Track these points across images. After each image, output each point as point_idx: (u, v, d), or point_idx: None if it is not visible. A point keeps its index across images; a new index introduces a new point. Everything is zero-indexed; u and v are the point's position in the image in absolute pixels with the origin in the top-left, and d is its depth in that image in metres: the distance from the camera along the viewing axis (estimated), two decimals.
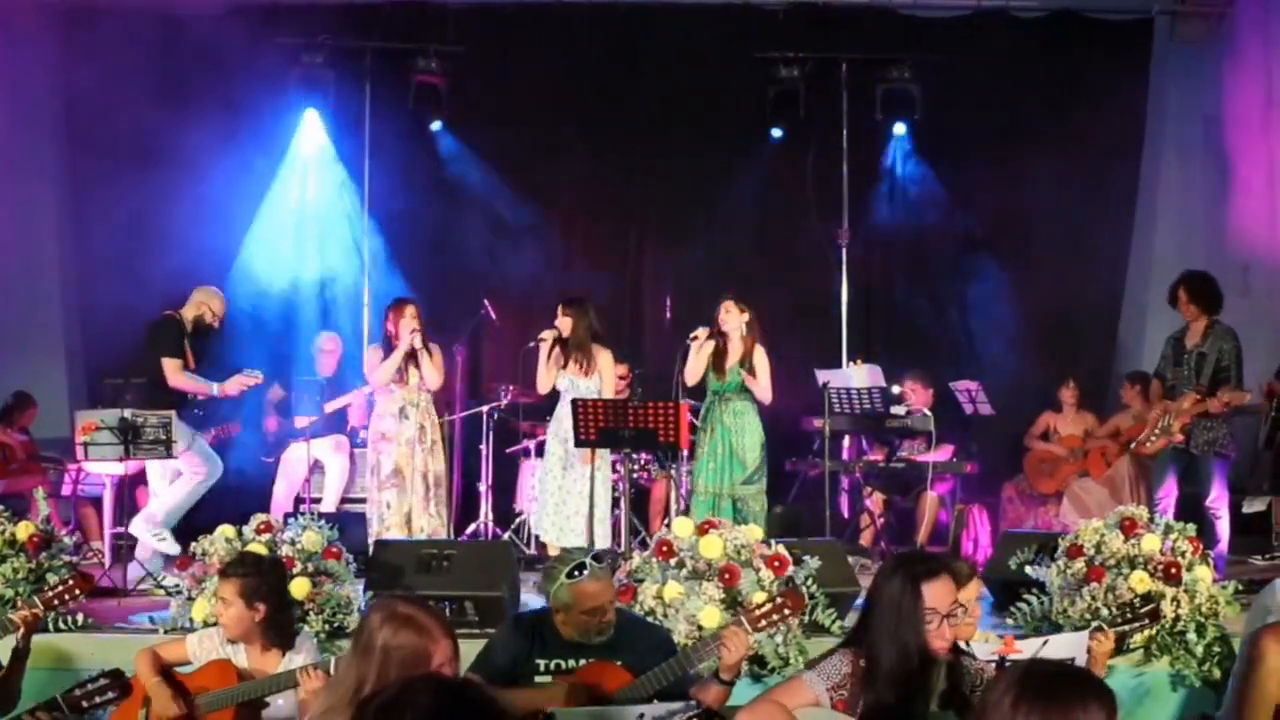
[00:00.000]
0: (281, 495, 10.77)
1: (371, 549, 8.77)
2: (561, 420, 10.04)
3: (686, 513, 10.05)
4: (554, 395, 10.30)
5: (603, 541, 9.77)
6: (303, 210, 13.50)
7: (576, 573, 5.43)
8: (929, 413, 11.40)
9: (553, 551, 9.95)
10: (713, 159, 13.53)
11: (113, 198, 12.72)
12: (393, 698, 2.87)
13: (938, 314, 13.89)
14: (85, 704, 4.55)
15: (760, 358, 10.06)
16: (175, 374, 9.67)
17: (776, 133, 13.73)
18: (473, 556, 8.29)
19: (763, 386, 10.05)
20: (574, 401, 9.39)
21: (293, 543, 7.64)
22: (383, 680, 3.80)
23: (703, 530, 7.59)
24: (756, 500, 10.02)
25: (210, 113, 12.39)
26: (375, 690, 3.03)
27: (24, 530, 7.97)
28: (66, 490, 11.43)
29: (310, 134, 13.63)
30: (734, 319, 10.08)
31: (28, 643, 5.77)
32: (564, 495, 10.00)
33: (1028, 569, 7.91)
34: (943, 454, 11.52)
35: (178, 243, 12.39)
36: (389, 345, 9.84)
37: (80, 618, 7.74)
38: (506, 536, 10.98)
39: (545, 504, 10.09)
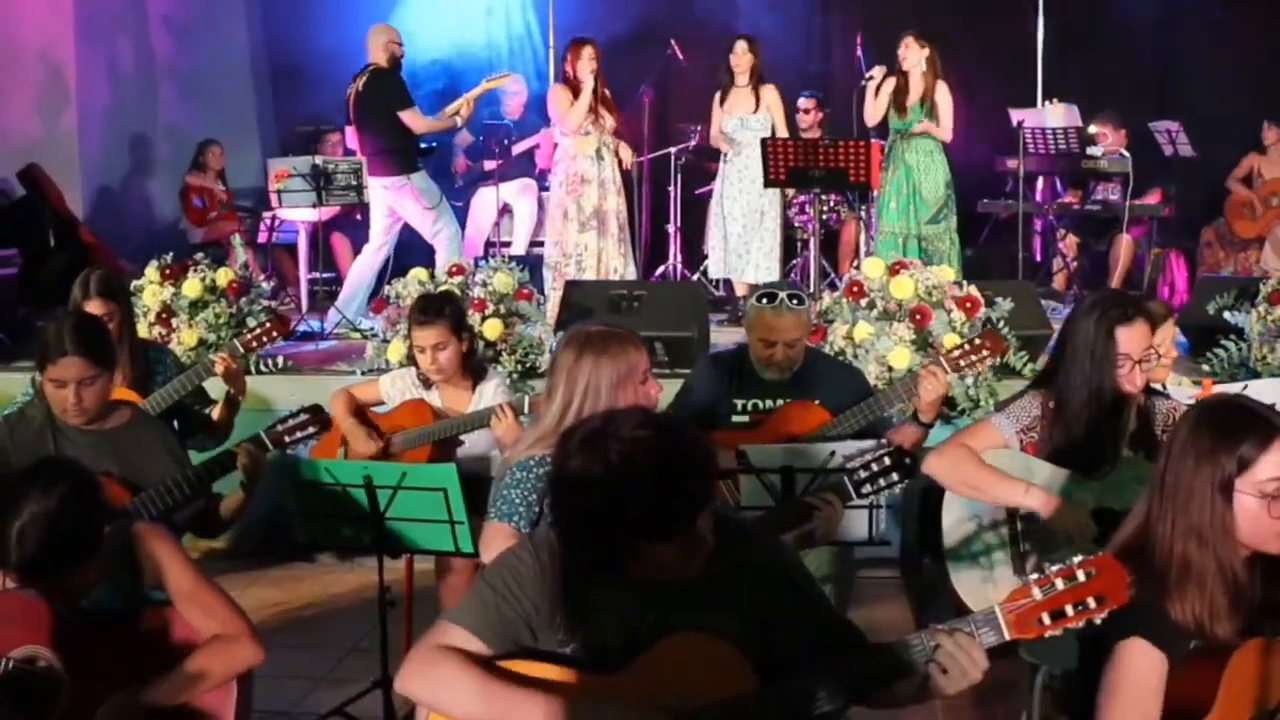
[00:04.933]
0: (471, 238, 10.84)
1: (557, 289, 8.87)
2: (733, 160, 9.97)
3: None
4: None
5: (769, 277, 9.77)
6: None
7: (765, 299, 5.38)
8: (1125, 154, 11.05)
9: (740, 291, 9.99)
10: None
11: None
12: (596, 429, 2.86)
13: (1137, 52, 13.33)
14: (287, 438, 4.64)
15: (942, 94, 9.79)
16: (418, 120, 9.65)
17: None
18: (662, 297, 8.33)
19: (944, 126, 9.81)
20: (763, 141, 9.26)
21: (484, 285, 7.73)
22: (587, 399, 3.92)
23: (894, 271, 7.49)
24: (943, 240, 9.87)
25: None
26: (578, 422, 3.03)
27: (224, 276, 8.18)
28: (262, 238, 11.65)
29: None
30: (914, 54, 9.80)
31: (240, 385, 5.91)
32: (746, 234, 9.98)
33: (1226, 314, 7.70)
34: (1151, 198, 11.19)
35: None
36: (571, 86, 9.71)
37: (280, 360, 7.97)
38: (695, 278, 10.98)
39: (722, 242, 10.09)
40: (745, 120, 9.98)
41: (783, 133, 9.97)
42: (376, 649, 5.06)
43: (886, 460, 4.21)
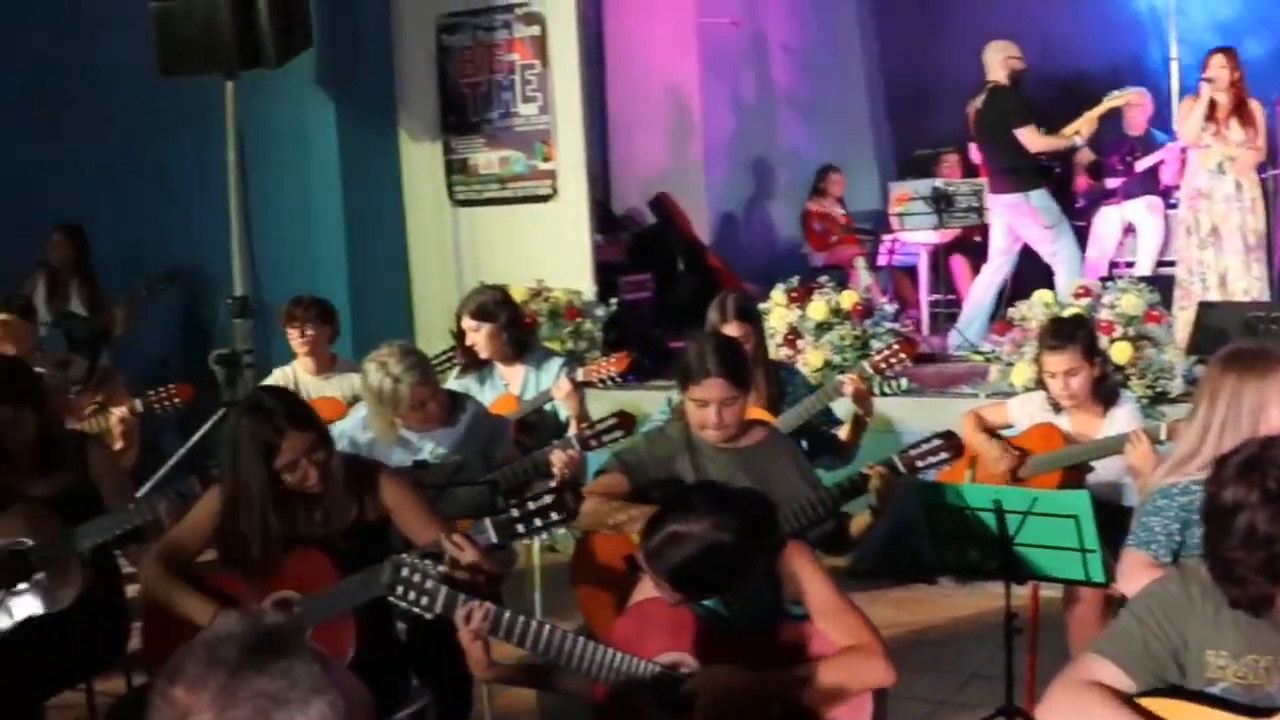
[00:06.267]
0: (1093, 259, 10.55)
1: (1185, 310, 8.48)
2: None
3: None
4: None
5: None
6: None
7: None
8: None
9: None
10: None
11: None
12: (1254, 455, 2.72)
13: None
14: (919, 463, 4.65)
15: None
16: (1034, 138, 9.48)
17: None
18: None
19: None
20: None
21: (1112, 306, 7.50)
22: (1228, 421, 3.74)
23: None
24: None
25: None
26: (1234, 448, 2.88)
27: (848, 299, 8.29)
28: (882, 260, 11.74)
29: None
30: None
31: (868, 406, 5.96)
32: None
33: None
34: None
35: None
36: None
37: (903, 382, 7.99)
38: None
39: None
40: None
41: None
42: (999, 675, 4.99)
43: None
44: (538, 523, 3.97)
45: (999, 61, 9.58)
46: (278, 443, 4.12)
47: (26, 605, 4.72)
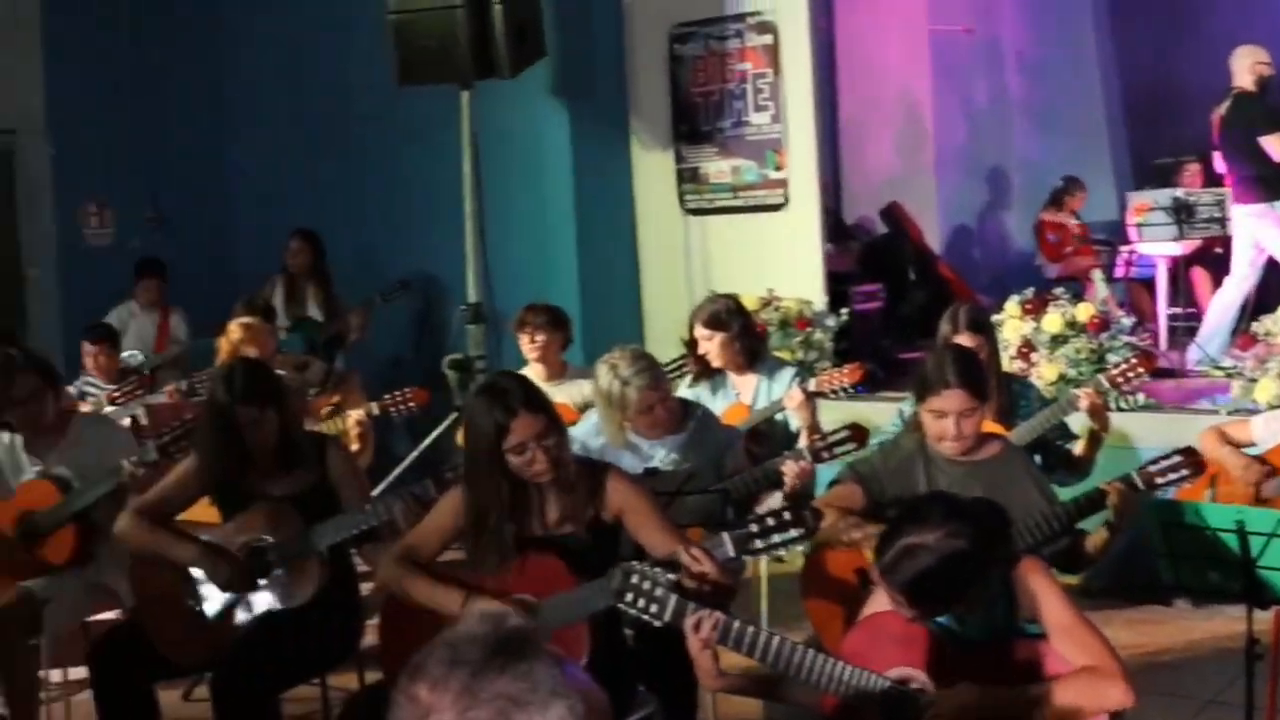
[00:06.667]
0: None
1: None
2: None
3: None
4: None
5: None
6: None
7: None
8: None
9: None
10: None
11: None
12: None
13: None
14: (1158, 480, 4.54)
15: None
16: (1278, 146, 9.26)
17: None
18: None
19: None
20: None
21: None
22: None
23: None
24: None
25: None
26: None
27: (1084, 311, 8.12)
28: (1119, 272, 11.46)
29: None
30: None
31: (1104, 421, 5.83)
32: None
33: None
34: None
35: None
36: None
37: (1140, 398, 7.81)
38: None
39: None
40: None
41: None
42: (1238, 704, 4.84)
43: None
44: (776, 539, 3.95)
45: (1246, 67, 9.30)
46: (508, 423, 4.13)
47: (265, 600, 4.88)
